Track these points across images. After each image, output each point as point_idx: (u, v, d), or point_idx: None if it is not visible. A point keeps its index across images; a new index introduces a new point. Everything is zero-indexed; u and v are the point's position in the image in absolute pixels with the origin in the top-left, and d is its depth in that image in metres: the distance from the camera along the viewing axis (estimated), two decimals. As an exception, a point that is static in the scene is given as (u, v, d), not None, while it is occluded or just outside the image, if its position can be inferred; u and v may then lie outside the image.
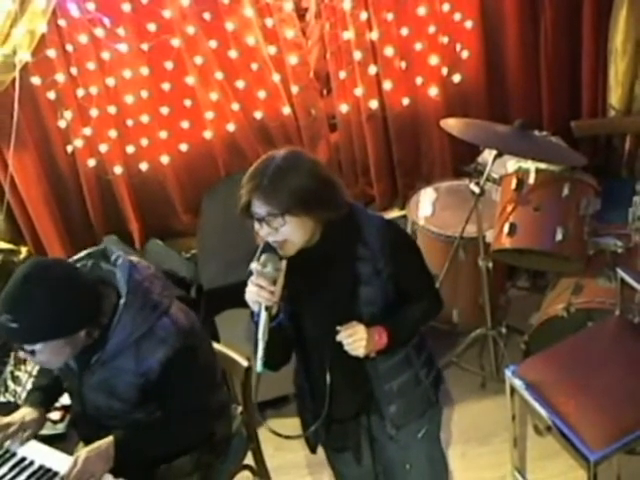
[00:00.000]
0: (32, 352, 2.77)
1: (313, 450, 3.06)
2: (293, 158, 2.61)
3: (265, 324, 2.58)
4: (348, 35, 4.55)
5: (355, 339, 2.67)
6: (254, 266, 2.61)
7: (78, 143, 4.55)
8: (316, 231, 2.66)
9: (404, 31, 4.60)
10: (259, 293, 2.58)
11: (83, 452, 2.86)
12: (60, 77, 4.36)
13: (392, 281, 2.76)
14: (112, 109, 4.52)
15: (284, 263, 2.63)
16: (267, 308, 2.59)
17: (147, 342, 2.84)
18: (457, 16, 4.63)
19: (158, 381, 2.86)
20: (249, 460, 3.56)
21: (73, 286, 2.76)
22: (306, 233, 2.62)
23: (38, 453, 3.02)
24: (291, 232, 2.59)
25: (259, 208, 2.55)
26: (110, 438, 2.89)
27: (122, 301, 2.83)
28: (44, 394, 3.21)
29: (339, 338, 2.68)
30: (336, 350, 2.71)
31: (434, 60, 4.67)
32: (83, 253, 3.00)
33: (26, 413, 3.11)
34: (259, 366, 2.57)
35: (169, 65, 4.46)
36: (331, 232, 2.67)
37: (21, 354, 2.84)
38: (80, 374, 2.96)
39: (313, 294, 2.75)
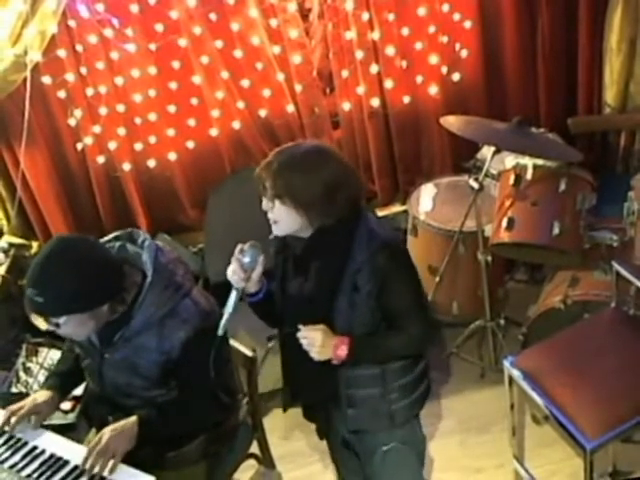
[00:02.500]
0: (57, 324, 2.81)
1: (284, 409, 3.15)
2: (313, 155, 2.67)
3: (233, 302, 2.71)
4: (350, 35, 4.56)
5: (309, 342, 2.70)
6: (236, 250, 2.71)
7: (88, 141, 4.57)
8: (307, 227, 2.70)
9: (405, 31, 4.62)
10: (233, 276, 2.70)
11: (107, 430, 2.89)
12: (70, 76, 4.37)
13: (372, 301, 2.73)
14: (121, 107, 4.53)
15: (262, 258, 2.71)
16: (237, 289, 2.71)
17: (170, 321, 2.90)
18: (456, 16, 4.65)
19: (179, 360, 2.91)
20: (254, 449, 3.59)
21: (96, 262, 2.80)
22: (293, 224, 2.69)
23: (49, 442, 3.04)
24: (279, 216, 2.68)
25: (265, 181, 2.66)
26: (134, 418, 2.93)
27: (148, 280, 2.88)
28: (61, 380, 3.25)
29: (298, 335, 2.72)
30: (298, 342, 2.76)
31: (434, 59, 4.68)
32: (111, 235, 3.07)
33: (39, 396, 3.15)
34: (220, 331, 2.73)
35: (176, 64, 4.48)
36: (323, 233, 2.70)
37: (49, 325, 2.88)
38: (102, 351, 3.00)
39: (296, 282, 2.81)
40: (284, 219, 2.69)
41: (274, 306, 2.89)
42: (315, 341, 2.69)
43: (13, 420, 3.06)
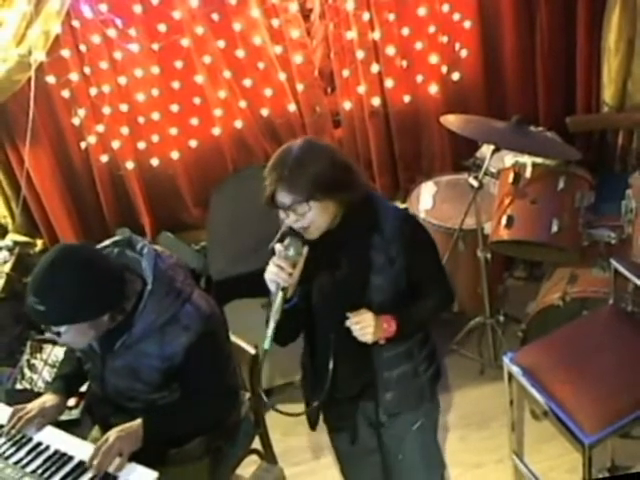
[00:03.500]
0: (58, 333, 2.81)
1: (312, 427, 3.12)
2: (309, 147, 2.68)
3: (279, 304, 2.65)
4: (351, 35, 4.59)
5: (363, 326, 2.72)
6: (278, 247, 2.69)
7: (91, 140, 4.58)
8: (338, 214, 2.72)
9: (405, 31, 4.64)
10: (278, 274, 2.65)
11: (114, 431, 2.90)
12: (74, 76, 4.39)
13: (404, 273, 2.80)
14: (124, 107, 4.56)
15: (306, 249, 2.70)
16: (283, 289, 2.66)
17: (171, 328, 2.90)
18: (456, 16, 4.66)
19: (181, 365, 2.92)
20: (257, 444, 3.60)
21: (98, 271, 2.79)
22: (330, 216, 2.71)
23: (53, 438, 3.05)
24: (316, 216, 2.67)
25: (284, 197, 2.63)
26: (139, 420, 2.93)
27: (148, 288, 2.87)
28: (66, 382, 3.25)
29: (348, 324, 2.73)
30: (343, 333, 2.76)
31: (434, 59, 4.71)
32: (109, 241, 3.04)
33: (47, 399, 3.15)
34: (267, 343, 2.65)
35: (179, 64, 4.50)
36: (350, 217, 2.74)
37: (47, 335, 2.89)
38: (103, 357, 3.01)
39: (326, 275, 2.81)
40: (320, 217, 2.69)
41: (297, 316, 2.85)
42: (369, 322, 2.72)
43: (20, 424, 3.07)
